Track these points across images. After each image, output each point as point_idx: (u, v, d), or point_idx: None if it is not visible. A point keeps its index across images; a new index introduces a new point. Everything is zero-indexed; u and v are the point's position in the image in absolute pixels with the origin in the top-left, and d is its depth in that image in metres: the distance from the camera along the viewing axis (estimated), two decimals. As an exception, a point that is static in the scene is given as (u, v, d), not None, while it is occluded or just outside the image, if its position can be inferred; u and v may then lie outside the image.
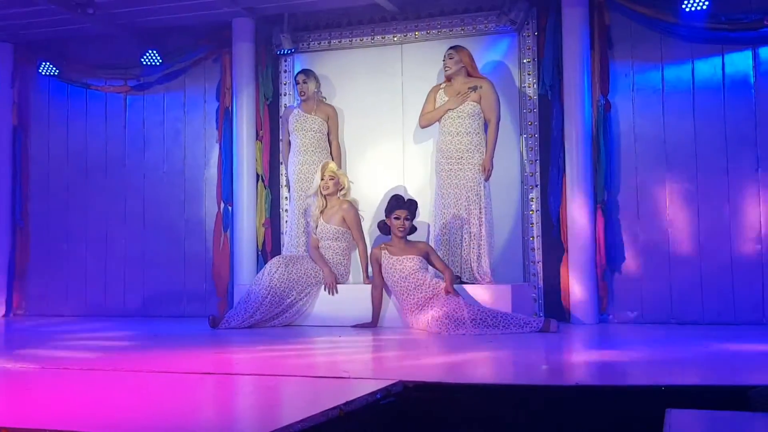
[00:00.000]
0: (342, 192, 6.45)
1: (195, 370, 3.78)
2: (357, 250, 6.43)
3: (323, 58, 7.21)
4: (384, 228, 6.07)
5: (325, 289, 6.20)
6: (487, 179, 6.25)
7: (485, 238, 6.16)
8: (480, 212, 6.20)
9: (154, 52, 7.42)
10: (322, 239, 6.35)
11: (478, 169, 6.22)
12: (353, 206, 6.42)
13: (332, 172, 6.40)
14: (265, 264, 6.52)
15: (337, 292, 6.19)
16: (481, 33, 6.77)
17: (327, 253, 6.33)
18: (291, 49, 7.17)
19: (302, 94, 6.86)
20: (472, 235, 6.17)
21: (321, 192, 6.38)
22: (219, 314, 6.48)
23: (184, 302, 7.51)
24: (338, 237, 6.35)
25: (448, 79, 6.43)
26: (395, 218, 5.95)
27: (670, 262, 6.26)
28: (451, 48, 6.41)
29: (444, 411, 3.09)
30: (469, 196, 6.22)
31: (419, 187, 6.82)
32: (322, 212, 6.41)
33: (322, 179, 6.38)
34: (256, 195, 7.23)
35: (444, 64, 6.40)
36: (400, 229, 5.94)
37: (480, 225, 6.18)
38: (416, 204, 6.14)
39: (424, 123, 6.52)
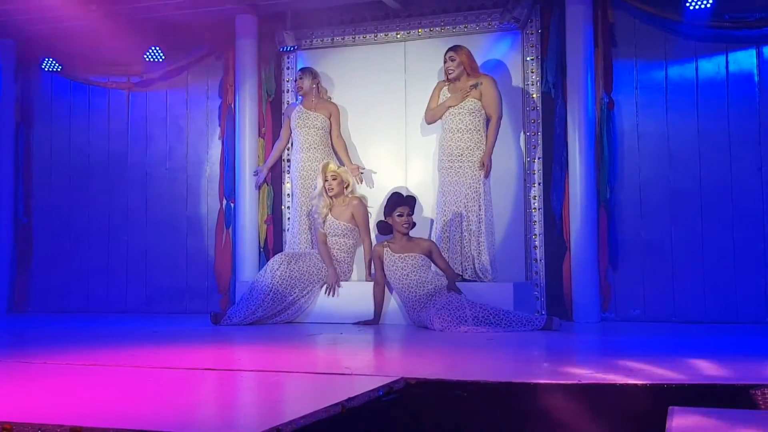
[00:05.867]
0: (348, 189, 6.45)
1: (197, 366, 3.79)
2: (362, 247, 6.43)
3: (326, 56, 7.21)
4: (384, 228, 6.06)
5: (326, 291, 6.19)
6: (486, 176, 6.24)
7: (484, 235, 6.16)
8: (479, 209, 6.20)
9: (157, 48, 7.43)
10: (329, 235, 6.34)
11: (479, 167, 6.22)
12: (362, 202, 6.43)
13: (333, 172, 6.40)
14: (267, 261, 6.53)
15: (337, 294, 6.17)
16: (484, 31, 6.76)
17: (332, 250, 6.33)
18: (294, 46, 7.17)
19: (299, 90, 6.89)
20: (472, 232, 6.17)
21: (327, 194, 6.37)
22: (221, 311, 6.48)
23: (186, 299, 7.52)
24: (346, 234, 6.35)
25: (452, 81, 6.41)
26: (398, 215, 5.94)
27: (672, 260, 6.26)
28: (450, 50, 6.38)
29: (446, 408, 3.09)
30: (468, 194, 6.22)
31: (422, 184, 6.82)
32: (330, 209, 6.39)
33: (325, 181, 6.37)
34: (258, 192, 7.23)
35: (445, 67, 6.38)
36: (405, 225, 5.93)
37: (479, 222, 6.18)
38: (415, 199, 6.16)
39: (429, 119, 6.54)
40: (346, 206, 6.38)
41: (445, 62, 6.39)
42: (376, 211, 6.71)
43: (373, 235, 6.57)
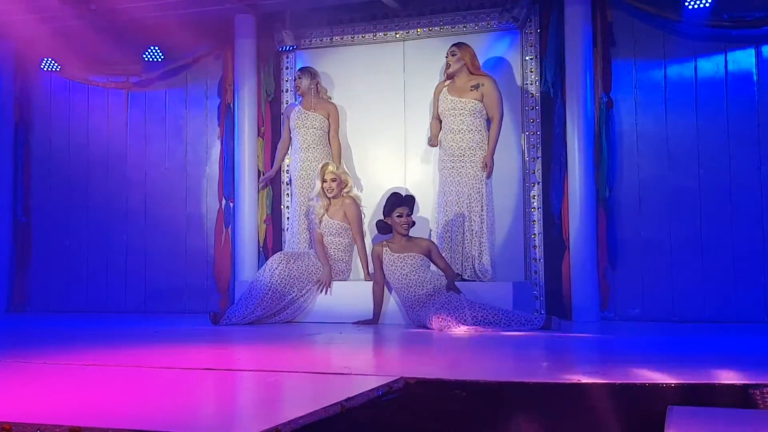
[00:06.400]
0: (346, 190, 6.44)
1: (196, 365, 3.79)
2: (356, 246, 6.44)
3: (325, 55, 7.21)
4: (383, 228, 6.06)
5: (318, 288, 6.19)
6: (488, 176, 6.26)
7: (486, 236, 6.17)
8: (482, 210, 6.21)
9: (156, 48, 7.43)
10: (324, 234, 6.34)
11: (480, 167, 6.23)
12: (355, 201, 6.43)
13: (332, 174, 6.38)
14: (266, 260, 6.53)
15: (329, 292, 6.18)
16: (483, 30, 6.77)
17: (329, 249, 6.33)
18: (293, 46, 7.18)
19: (298, 90, 6.89)
20: (474, 232, 6.18)
21: (325, 195, 6.36)
22: (220, 310, 6.48)
23: (185, 298, 7.52)
24: (340, 232, 6.35)
25: (451, 76, 6.42)
26: (398, 216, 5.94)
27: (671, 259, 6.26)
28: (454, 45, 6.40)
29: (445, 407, 3.09)
30: (470, 194, 6.22)
31: (421, 184, 6.82)
32: (326, 210, 6.40)
33: (324, 182, 6.36)
34: (257, 191, 7.23)
35: (446, 62, 6.40)
36: (404, 226, 5.94)
37: (481, 222, 6.19)
38: (414, 199, 6.16)
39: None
40: (340, 205, 6.38)
41: (447, 56, 6.38)
42: (372, 211, 6.71)
43: (372, 235, 6.57)
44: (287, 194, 7.21)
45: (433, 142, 6.53)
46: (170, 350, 4.52)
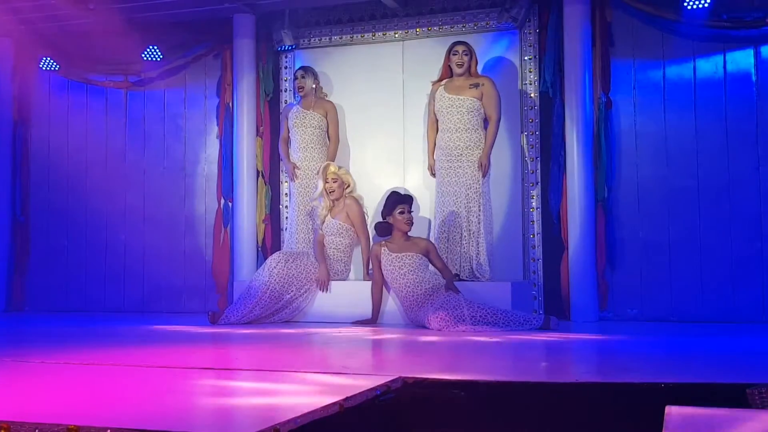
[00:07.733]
0: (348, 190, 6.44)
1: (194, 365, 3.79)
2: (360, 246, 6.43)
3: (324, 55, 7.21)
4: (383, 230, 6.04)
5: (318, 287, 6.19)
6: (484, 176, 6.24)
7: (483, 236, 6.17)
8: (479, 209, 6.20)
9: (155, 47, 7.43)
10: (326, 234, 6.34)
11: (477, 167, 6.22)
12: (357, 201, 6.42)
13: (334, 175, 6.38)
14: (265, 260, 6.53)
15: (327, 290, 6.18)
16: (482, 30, 6.77)
17: (329, 249, 6.33)
18: (292, 46, 7.18)
19: (300, 89, 6.87)
20: (471, 232, 6.18)
21: (328, 196, 6.36)
22: (218, 310, 6.47)
23: (184, 298, 7.52)
24: (341, 233, 6.35)
25: (449, 75, 6.40)
26: (400, 213, 5.93)
27: (670, 259, 6.27)
28: (461, 44, 6.34)
29: (443, 407, 3.09)
30: (468, 194, 6.22)
31: (420, 183, 6.82)
32: (330, 210, 6.40)
33: (326, 182, 6.36)
34: (256, 191, 7.24)
35: (456, 60, 6.31)
36: (407, 223, 5.93)
37: (479, 222, 6.19)
38: (413, 198, 6.17)
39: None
40: (342, 206, 6.38)
41: (455, 54, 6.31)
42: (372, 212, 6.70)
43: (372, 237, 6.58)
44: (286, 194, 7.21)
45: (431, 169, 6.50)
46: (169, 350, 4.52)
